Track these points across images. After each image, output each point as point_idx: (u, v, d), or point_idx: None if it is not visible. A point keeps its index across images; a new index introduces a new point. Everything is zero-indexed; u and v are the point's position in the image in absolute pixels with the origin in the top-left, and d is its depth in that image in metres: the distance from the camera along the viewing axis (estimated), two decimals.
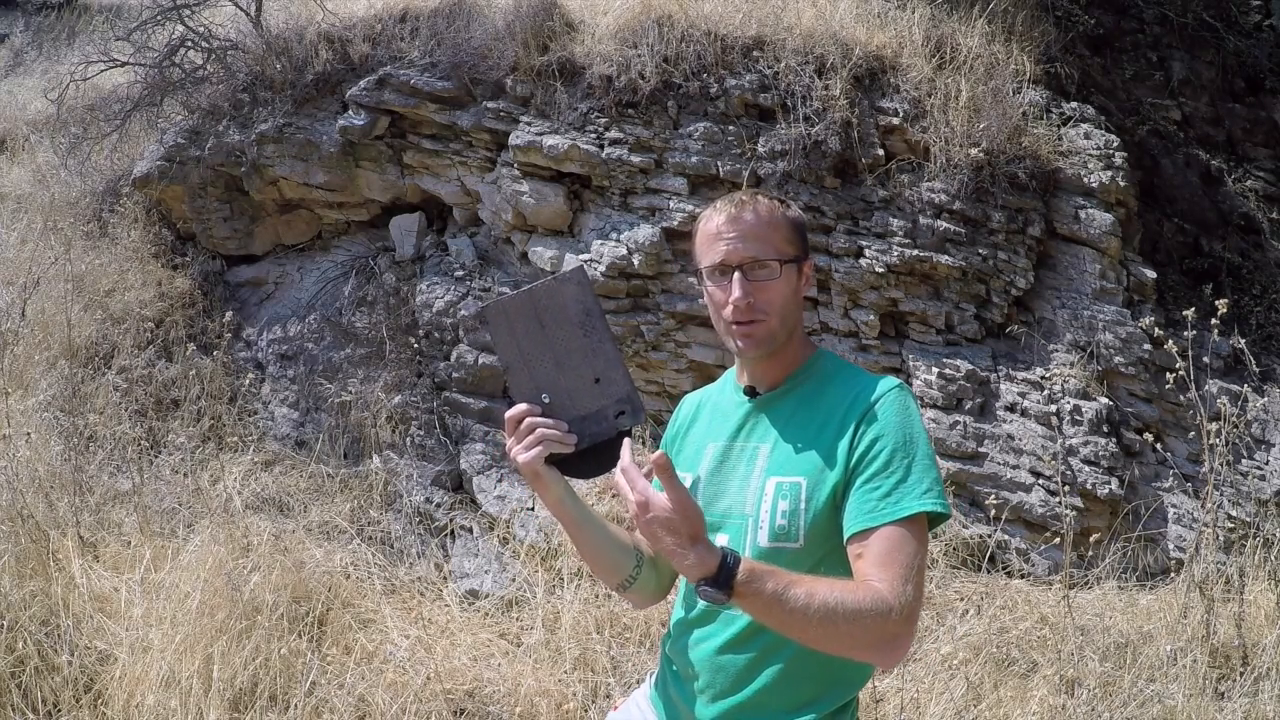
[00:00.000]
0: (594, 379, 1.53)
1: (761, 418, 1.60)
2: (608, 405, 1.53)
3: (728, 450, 1.61)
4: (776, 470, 1.52)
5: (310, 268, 6.19)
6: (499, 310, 1.55)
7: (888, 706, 3.14)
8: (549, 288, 1.54)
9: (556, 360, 1.53)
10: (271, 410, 5.55)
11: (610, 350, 1.54)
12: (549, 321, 1.53)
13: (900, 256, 4.64)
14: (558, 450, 1.52)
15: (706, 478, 1.60)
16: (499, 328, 1.54)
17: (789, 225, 1.59)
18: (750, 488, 1.54)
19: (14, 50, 11.30)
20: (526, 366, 1.53)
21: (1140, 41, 6.27)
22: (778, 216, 1.59)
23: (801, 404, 1.57)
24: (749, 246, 1.56)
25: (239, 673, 3.01)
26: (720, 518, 1.55)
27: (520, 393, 1.54)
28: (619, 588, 1.72)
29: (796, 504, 1.48)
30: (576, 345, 1.53)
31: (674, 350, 4.88)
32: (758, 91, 4.99)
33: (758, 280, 1.55)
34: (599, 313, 1.54)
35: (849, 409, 1.51)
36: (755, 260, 1.55)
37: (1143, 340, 4.54)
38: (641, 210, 5.01)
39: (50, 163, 7.53)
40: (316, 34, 6.14)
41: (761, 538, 1.49)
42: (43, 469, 4.15)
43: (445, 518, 4.80)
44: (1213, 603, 3.32)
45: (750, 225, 1.57)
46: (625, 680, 3.29)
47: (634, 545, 1.72)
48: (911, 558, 1.40)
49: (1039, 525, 4.19)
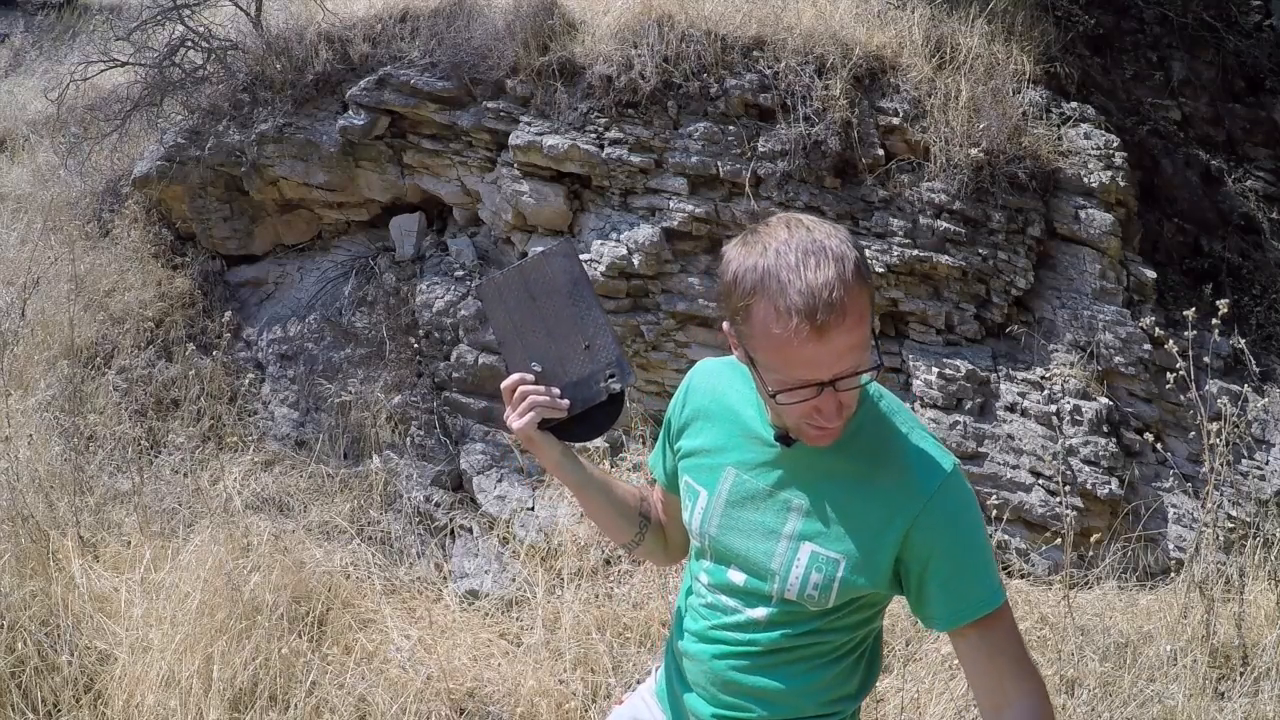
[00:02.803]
0: (584, 345, 1.58)
1: (795, 465, 1.45)
2: (598, 370, 1.58)
3: (753, 490, 1.48)
4: (814, 539, 1.42)
5: (310, 268, 6.19)
6: (491, 286, 1.61)
7: (888, 706, 3.14)
8: (537, 261, 1.61)
9: (548, 330, 1.58)
10: (271, 410, 5.55)
11: (598, 317, 1.59)
12: (539, 293, 1.59)
13: (900, 256, 4.64)
14: (551, 415, 1.56)
15: (724, 508, 1.50)
16: (492, 303, 1.60)
17: (871, 307, 1.28)
18: (780, 546, 1.44)
19: (14, 50, 11.30)
20: (519, 338, 1.59)
21: (1140, 41, 6.27)
22: (863, 306, 1.25)
23: (843, 462, 1.41)
24: (845, 361, 1.26)
25: (239, 673, 3.01)
26: (734, 555, 1.50)
27: (514, 363, 1.59)
28: (627, 545, 1.74)
29: (831, 580, 1.41)
30: (566, 314, 1.58)
31: (674, 350, 4.88)
32: (758, 91, 4.99)
33: (849, 390, 1.30)
34: (586, 281, 1.60)
35: (901, 499, 1.38)
36: (850, 375, 1.28)
37: (1143, 340, 4.54)
38: (641, 210, 5.01)
39: (50, 163, 7.53)
40: (316, 34, 6.14)
41: (790, 595, 1.45)
42: (43, 469, 4.15)
43: (445, 518, 4.80)
44: (1213, 603, 3.32)
45: (846, 339, 1.24)
46: (626, 680, 3.29)
47: (640, 511, 1.73)
48: (1019, 643, 1.42)
49: (1039, 525, 4.19)
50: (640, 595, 3.73)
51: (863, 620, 1.49)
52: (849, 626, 1.48)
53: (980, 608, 1.38)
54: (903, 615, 3.46)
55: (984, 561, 1.39)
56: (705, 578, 1.57)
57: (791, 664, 1.48)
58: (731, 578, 1.51)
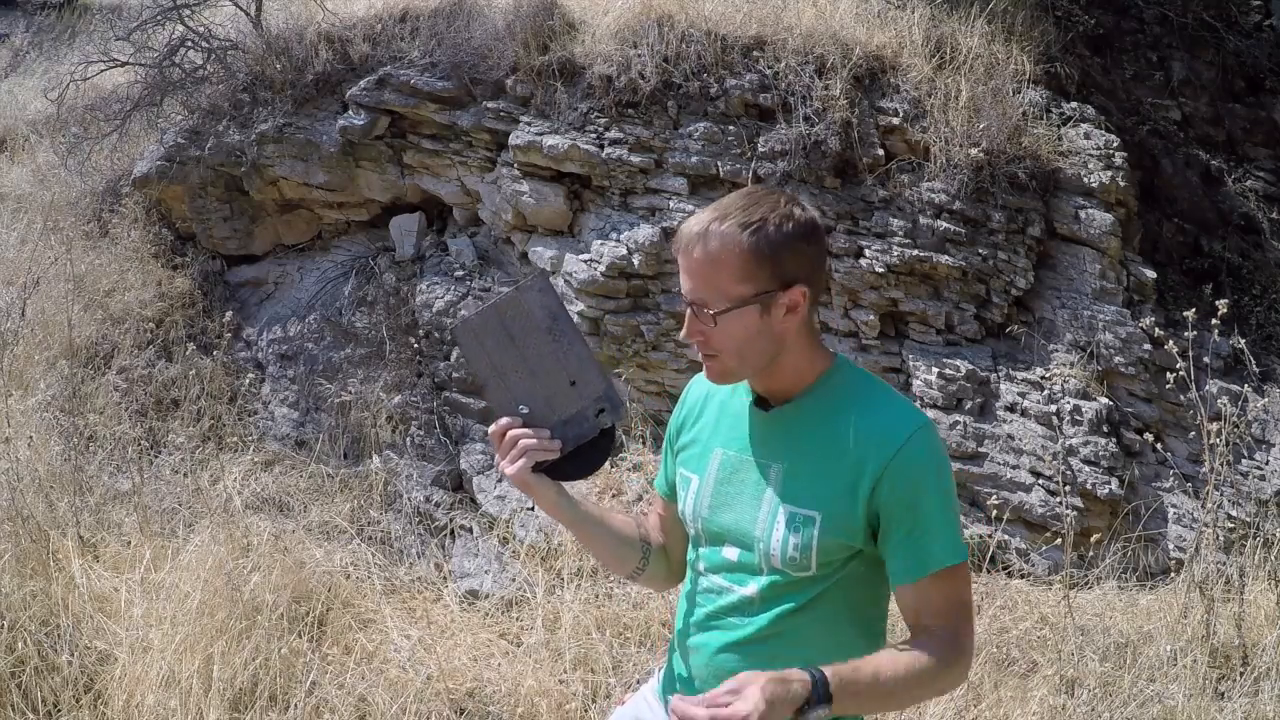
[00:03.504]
0: (569, 382, 1.54)
1: (774, 433, 1.52)
2: (587, 405, 1.55)
3: (738, 463, 1.54)
4: (791, 498, 1.47)
5: (310, 268, 6.20)
6: (466, 329, 1.56)
7: None
8: (512, 299, 1.55)
9: (530, 370, 1.54)
10: (271, 410, 5.55)
11: (581, 350, 1.55)
12: (517, 332, 1.54)
13: (900, 256, 4.64)
14: (543, 458, 1.54)
15: (714, 486, 1.56)
16: (469, 346, 1.55)
17: (744, 259, 1.40)
18: (762, 510, 1.49)
19: (14, 50, 11.30)
20: (502, 380, 1.54)
21: (1140, 41, 6.27)
22: (730, 251, 1.40)
23: (819, 424, 1.48)
24: (695, 287, 1.44)
25: (239, 673, 3.01)
26: (725, 530, 1.54)
27: (499, 407, 1.55)
28: (631, 575, 1.74)
29: (809, 539, 1.44)
30: (548, 351, 1.54)
31: (674, 350, 4.88)
32: (758, 91, 4.99)
33: (705, 320, 1.44)
34: (565, 316, 1.55)
35: (871, 450, 1.43)
36: (696, 304, 1.45)
37: (1143, 340, 4.54)
38: (641, 210, 5.01)
39: (50, 163, 7.52)
40: (316, 34, 6.14)
41: (774, 561, 1.48)
42: (43, 469, 4.15)
43: (445, 518, 4.80)
44: (1213, 603, 3.32)
45: (697, 264, 1.42)
46: (626, 680, 3.29)
47: (640, 537, 1.72)
48: (966, 600, 1.46)
49: (1039, 525, 4.19)
50: (640, 595, 3.73)
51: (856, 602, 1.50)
52: (842, 609, 1.49)
53: (941, 561, 1.42)
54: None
55: (948, 519, 1.44)
56: (702, 564, 1.59)
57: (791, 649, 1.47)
58: (725, 554, 1.54)
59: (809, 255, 1.45)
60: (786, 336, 1.46)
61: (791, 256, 1.42)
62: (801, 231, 1.43)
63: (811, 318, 1.51)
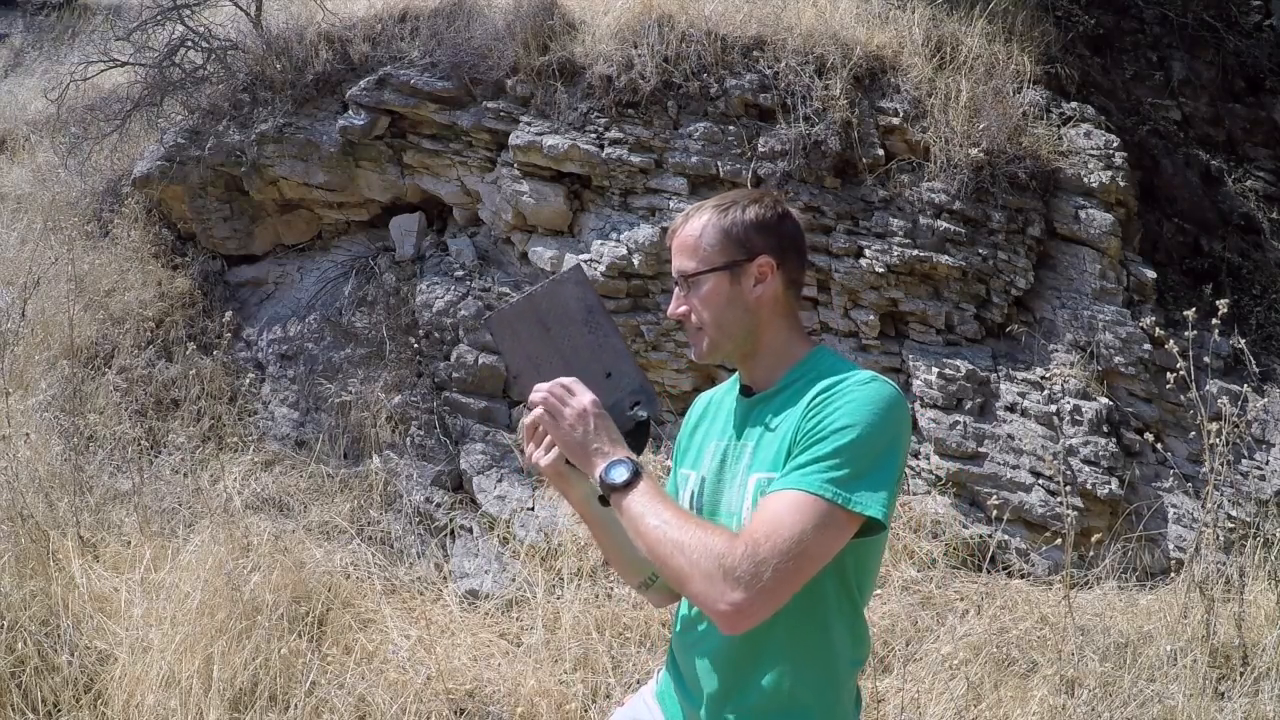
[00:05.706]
0: (605, 374, 1.54)
1: (753, 416, 1.58)
2: (622, 398, 1.54)
3: (727, 450, 1.59)
4: (758, 467, 1.51)
5: (310, 268, 6.19)
6: (501, 320, 1.55)
7: (888, 706, 3.14)
8: (548, 290, 1.54)
9: (565, 361, 1.53)
10: (271, 410, 5.55)
11: (617, 343, 1.55)
12: (553, 323, 1.53)
13: (900, 256, 4.64)
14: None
15: (710, 479, 1.60)
16: (504, 337, 1.55)
17: (717, 233, 1.55)
18: (737, 485, 1.54)
19: (14, 50, 11.31)
20: (536, 370, 1.53)
21: (1140, 41, 6.27)
22: (705, 226, 1.57)
23: (789, 401, 1.53)
24: (678, 261, 1.59)
25: (239, 673, 3.01)
26: (720, 516, 1.56)
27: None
28: (640, 586, 1.74)
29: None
30: (583, 343, 1.54)
31: (674, 350, 4.88)
32: (758, 91, 4.99)
33: (684, 286, 1.58)
34: (601, 308, 1.55)
35: (813, 394, 1.45)
36: (683, 275, 1.57)
37: (1143, 340, 4.54)
38: (641, 210, 5.01)
39: (50, 163, 7.53)
40: (316, 34, 6.14)
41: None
42: (43, 469, 4.15)
43: (445, 518, 4.80)
44: (1213, 603, 3.32)
45: (679, 242, 1.59)
46: (626, 680, 3.29)
47: None
48: (797, 531, 1.32)
49: (1039, 525, 4.19)
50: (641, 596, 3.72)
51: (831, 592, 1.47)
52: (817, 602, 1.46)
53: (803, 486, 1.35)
54: (902, 615, 3.47)
55: (851, 460, 1.36)
56: None
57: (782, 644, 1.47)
58: None
59: (777, 234, 1.57)
60: (761, 309, 1.56)
61: (759, 234, 1.56)
62: (770, 215, 1.58)
63: (789, 301, 1.60)
